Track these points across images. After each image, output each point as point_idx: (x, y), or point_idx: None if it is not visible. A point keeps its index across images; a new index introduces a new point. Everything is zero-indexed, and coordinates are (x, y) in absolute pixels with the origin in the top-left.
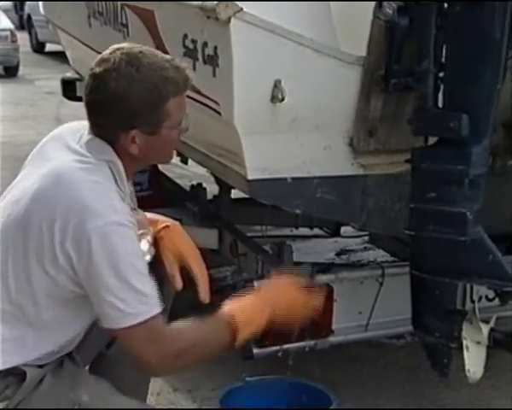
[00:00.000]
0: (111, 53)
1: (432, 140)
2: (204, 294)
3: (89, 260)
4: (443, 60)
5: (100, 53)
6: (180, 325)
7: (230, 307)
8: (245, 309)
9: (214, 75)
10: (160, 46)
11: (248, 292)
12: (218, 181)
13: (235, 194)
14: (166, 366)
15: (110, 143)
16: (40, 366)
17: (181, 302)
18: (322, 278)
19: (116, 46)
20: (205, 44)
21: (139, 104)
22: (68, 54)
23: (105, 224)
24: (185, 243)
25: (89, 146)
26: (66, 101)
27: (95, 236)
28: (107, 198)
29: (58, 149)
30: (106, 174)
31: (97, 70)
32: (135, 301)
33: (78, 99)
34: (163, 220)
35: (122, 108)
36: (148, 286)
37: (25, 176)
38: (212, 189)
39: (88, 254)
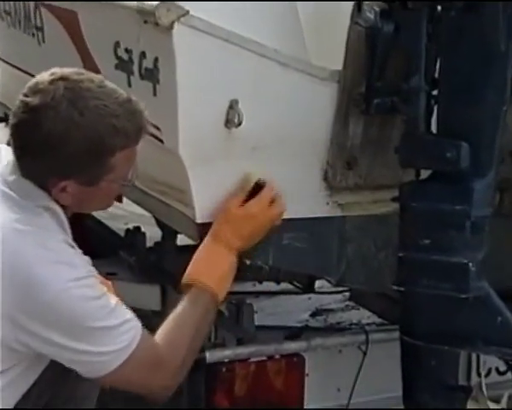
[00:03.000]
0: (51, 82)
1: (424, 173)
2: None
3: (49, 327)
4: (436, 75)
5: (7, 63)
6: (166, 331)
7: (194, 270)
8: (211, 267)
9: (154, 94)
10: (84, 56)
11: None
12: (161, 224)
13: (182, 240)
14: (177, 380)
15: (40, 187)
16: None
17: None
18: (292, 346)
19: (59, 73)
20: (142, 55)
21: (76, 154)
22: None
23: (60, 290)
24: None
25: (21, 189)
26: None
27: (54, 303)
28: (54, 260)
29: None
30: (49, 225)
31: (31, 101)
32: (116, 337)
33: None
34: None
35: (55, 154)
36: (122, 314)
37: None
38: (152, 234)
39: (46, 321)
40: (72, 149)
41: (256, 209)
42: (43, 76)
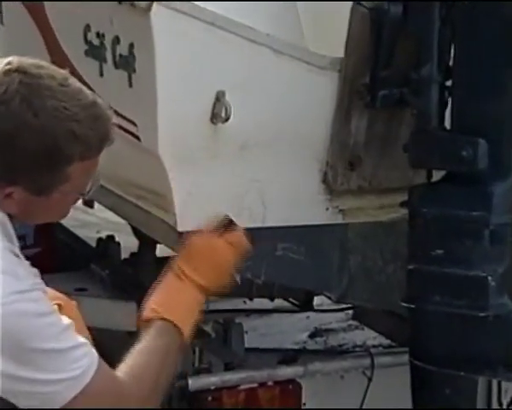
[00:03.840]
0: (5, 73)
1: (437, 175)
2: None
3: None
4: (450, 64)
5: None
6: (130, 363)
7: (157, 305)
8: (172, 300)
9: (130, 84)
10: (50, 41)
11: (166, 274)
12: (138, 233)
13: (162, 251)
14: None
15: None
16: None
17: None
18: (287, 372)
19: (15, 63)
20: (116, 40)
21: (26, 159)
22: None
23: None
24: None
25: None
26: None
27: None
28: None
29: None
30: None
31: None
32: (68, 363)
33: None
34: (52, 296)
35: (1, 156)
36: (74, 337)
37: None
38: (128, 243)
39: None
40: (22, 152)
41: (212, 244)
42: None
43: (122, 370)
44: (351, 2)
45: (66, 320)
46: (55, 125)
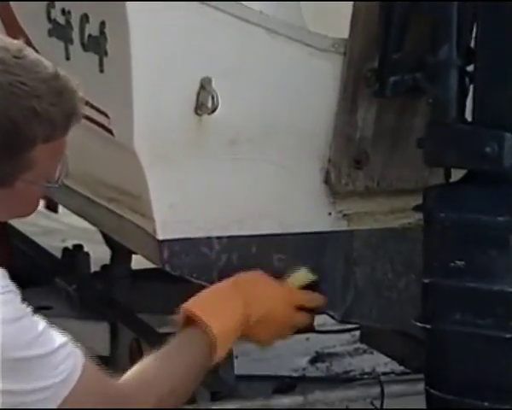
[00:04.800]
0: None
1: (456, 174)
2: None
3: None
4: (472, 45)
5: None
6: (145, 364)
7: (198, 306)
8: (218, 307)
9: (101, 69)
10: (8, 19)
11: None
12: (110, 242)
13: (138, 262)
14: None
15: None
16: None
17: None
18: (284, 402)
19: None
20: (84, 18)
21: None
22: None
23: None
24: None
25: None
26: None
27: None
28: None
29: None
30: None
31: None
32: (50, 369)
33: None
34: None
35: None
36: (53, 338)
37: None
38: (99, 254)
39: None
40: None
41: (289, 298)
42: None
43: (132, 371)
44: None
45: (41, 321)
46: (11, 103)
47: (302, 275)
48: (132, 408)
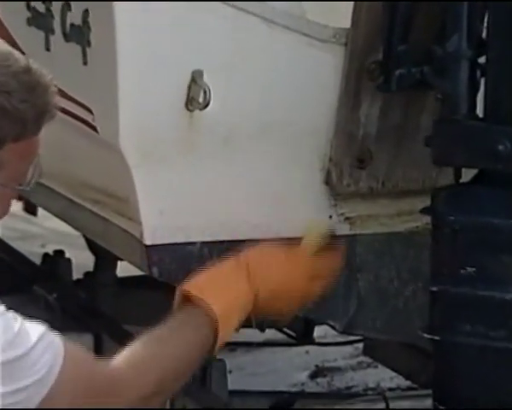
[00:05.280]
0: None
1: (467, 175)
2: None
3: None
4: (483, 36)
5: None
6: (138, 347)
7: (198, 285)
8: (220, 286)
9: (84, 62)
10: None
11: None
12: (94, 247)
13: (124, 269)
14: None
15: None
16: None
17: None
18: None
19: None
20: (66, 6)
21: None
22: None
23: None
24: None
25: None
26: None
27: None
28: None
29: None
30: None
31: None
32: (28, 368)
33: None
34: None
35: None
36: (27, 333)
37: None
38: (82, 260)
39: None
40: None
41: (301, 267)
42: None
43: (122, 355)
44: None
45: (16, 318)
46: None
47: (315, 234)
48: (122, 394)
